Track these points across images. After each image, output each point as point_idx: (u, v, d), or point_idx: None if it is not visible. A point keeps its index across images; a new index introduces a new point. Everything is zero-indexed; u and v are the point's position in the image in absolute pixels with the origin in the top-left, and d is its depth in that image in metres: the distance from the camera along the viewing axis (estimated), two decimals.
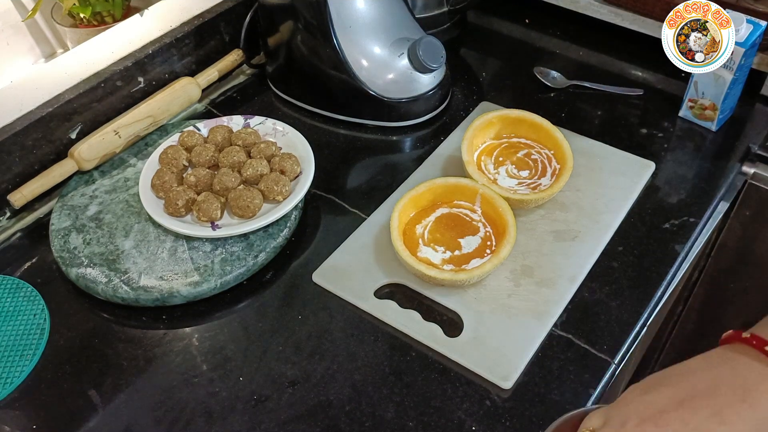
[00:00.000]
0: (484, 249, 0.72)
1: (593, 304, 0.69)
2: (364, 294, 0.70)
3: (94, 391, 0.65)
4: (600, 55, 1.01)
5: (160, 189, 0.77)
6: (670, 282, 0.72)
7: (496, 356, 0.64)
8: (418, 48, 0.85)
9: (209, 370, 0.66)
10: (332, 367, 0.65)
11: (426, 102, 0.89)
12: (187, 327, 0.70)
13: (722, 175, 0.81)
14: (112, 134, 0.83)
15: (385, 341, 0.67)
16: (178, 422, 0.62)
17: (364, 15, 0.86)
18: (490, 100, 0.93)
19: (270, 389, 0.64)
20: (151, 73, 0.91)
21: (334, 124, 0.92)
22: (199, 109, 0.95)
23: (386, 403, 0.62)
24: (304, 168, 0.79)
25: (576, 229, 0.75)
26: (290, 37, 0.89)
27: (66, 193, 0.81)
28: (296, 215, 0.77)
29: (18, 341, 0.68)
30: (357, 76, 0.86)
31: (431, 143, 0.88)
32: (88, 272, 0.72)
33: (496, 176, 0.79)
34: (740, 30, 0.78)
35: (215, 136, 0.82)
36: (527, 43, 1.05)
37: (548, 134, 0.80)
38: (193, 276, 0.71)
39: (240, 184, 0.77)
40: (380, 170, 0.86)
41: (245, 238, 0.74)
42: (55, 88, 0.83)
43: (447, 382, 0.64)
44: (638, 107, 0.91)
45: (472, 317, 0.68)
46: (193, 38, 0.94)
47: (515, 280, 0.70)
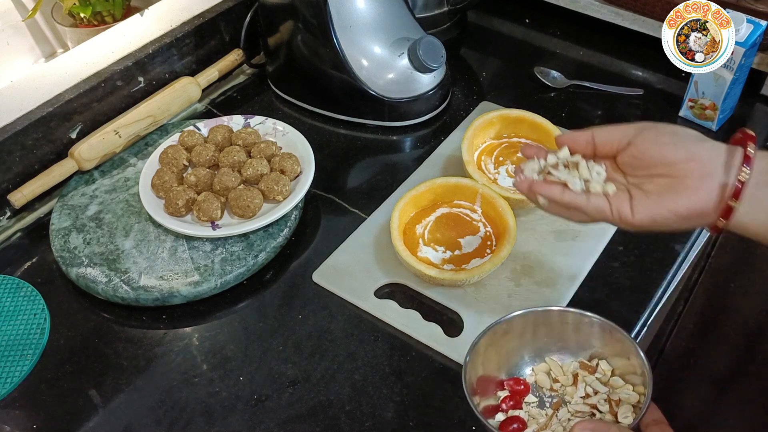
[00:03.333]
0: (484, 249, 0.72)
1: (593, 304, 0.69)
2: (364, 294, 0.70)
3: (94, 390, 0.65)
4: (600, 54, 1.01)
5: (161, 189, 0.77)
6: (670, 282, 0.72)
7: None
8: (419, 48, 0.85)
9: (209, 370, 0.66)
10: (332, 366, 0.65)
11: (426, 102, 0.89)
12: (187, 327, 0.70)
13: None
14: (113, 134, 0.83)
15: (385, 341, 0.67)
16: (178, 422, 0.62)
17: (365, 15, 0.86)
18: (490, 99, 0.93)
19: (270, 389, 0.64)
20: (151, 73, 0.91)
21: (334, 124, 0.92)
22: (200, 109, 0.95)
23: (386, 403, 0.62)
24: (304, 168, 0.79)
25: (576, 229, 0.75)
26: (290, 36, 0.89)
27: (66, 192, 0.81)
28: (296, 215, 0.77)
29: (18, 341, 0.68)
30: (357, 75, 0.86)
31: (431, 143, 0.88)
32: (89, 272, 0.72)
33: (497, 176, 0.79)
34: (740, 30, 0.78)
35: (215, 135, 0.82)
36: (527, 42, 1.05)
37: (548, 134, 0.80)
38: (193, 276, 0.71)
39: (240, 183, 0.77)
40: (380, 170, 0.86)
41: (245, 238, 0.74)
42: (55, 87, 0.83)
43: (447, 381, 0.64)
44: (638, 107, 0.91)
45: (473, 317, 0.68)
46: (194, 38, 0.94)
47: (515, 280, 0.70)
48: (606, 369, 0.57)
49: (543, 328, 0.59)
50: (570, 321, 0.58)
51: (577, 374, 0.58)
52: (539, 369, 0.59)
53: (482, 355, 0.57)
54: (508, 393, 0.58)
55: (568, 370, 0.59)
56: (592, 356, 0.59)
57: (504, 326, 0.57)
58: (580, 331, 0.58)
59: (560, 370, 0.59)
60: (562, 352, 0.60)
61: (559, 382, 0.58)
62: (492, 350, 0.57)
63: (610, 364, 0.58)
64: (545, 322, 0.59)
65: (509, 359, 0.59)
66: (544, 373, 0.59)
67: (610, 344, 0.57)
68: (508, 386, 0.58)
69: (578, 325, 0.58)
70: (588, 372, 0.58)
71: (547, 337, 0.59)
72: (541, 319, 0.59)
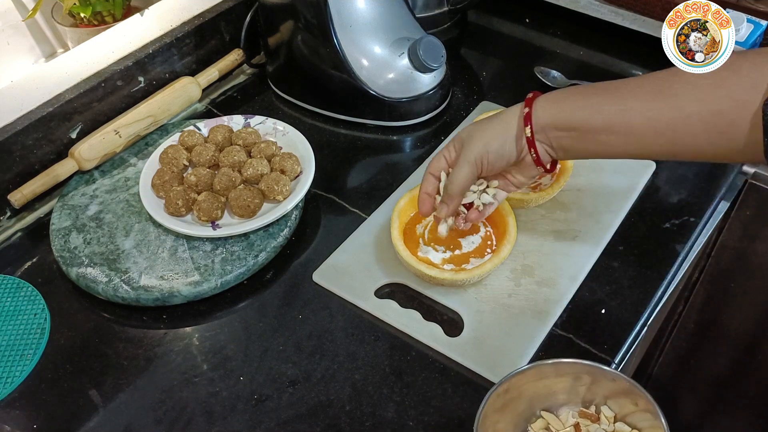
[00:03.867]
0: (485, 248, 0.72)
1: (593, 304, 0.69)
2: (364, 294, 0.70)
3: (94, 390, 0.65)
4: (600, 54, 1.01)
5: (161, 188, 0.77)
6: (670, 282, 0.72)
7: (496, 356, 0.64)
8: (419, 47, 0.85)
9: (210, 370, 0.66)
10: (332, 366, 0.65)
11: (426, 101, 0.89)
12: (187, 327, 0.70)
13: (722, 175, 0.81)
14: (113, 134, 0.83)
15: (385, 341, 0.67)
16: (179, 422, 0.62)
17: (365, 14, 0.86)
18: (490, 99, 0.93)
19: (270, 389, 0.64)
20: (151, 73, 0.91)
21: (334, 124, 0.92)
22: (200, 109, 0.95)
23: (386, 403, 0.63)
24: (305, 168, 0.79)
25: (576, 229, 0.75)
26: (290, 36, 0.89)
27: (66, 192, 0.81)
28: (296, 215, 0.77)
29: (18, 341, 0.68)
30: (357, 75, 0.86)
31: (431, 143, 0.88)
32: (89, 272, 0.72)
33: None
34: (740, 30, 0.78)
35: (216, 135, 0.82)
36: (527, 42, 1.05)
37: None
38: (193, 275, 0.71)
39: (240, 183, 0.77)
40: (380, 170, 0.86)
41: (245, 238, 0.74)
42: (55, 87, 0.83)
43: (447, 381, 0.64)
44: None
45: (473, 317, 0.68)
46: (194, 38, 0.94)
47: (516, 280, 0.71)
48: (609, 415, 0.56)
49: (542, 382, 0.57)
50: (563, 372, 0.57)
51: (578, 424, 0.57)
52: (537, 426, 0.58)
53: (490, 419, 0.55)
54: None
55: (567, 421, 0.57)
56: (590, 403, 0.58)
57: (505, 386, 0.55)
58: (576, 381, 0.57)
59: (558, 422, 0.57)
60: (562, 405, 0.58)
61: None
62: (496, 415, 0.55)
63: (611, 410, 0.57)
64: (542, 376, 0.57)
65: (513, 419, 0.57)
66: (543, 429, 0.57)
67: (610, 389, 0.56)
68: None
69: (571, 375, 0.57)
70: (590, 420, 0.57)
71: (546, 392, 0.58)
72: (538, 374, 0.57)
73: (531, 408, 0.58)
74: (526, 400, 0.58)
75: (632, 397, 0.54)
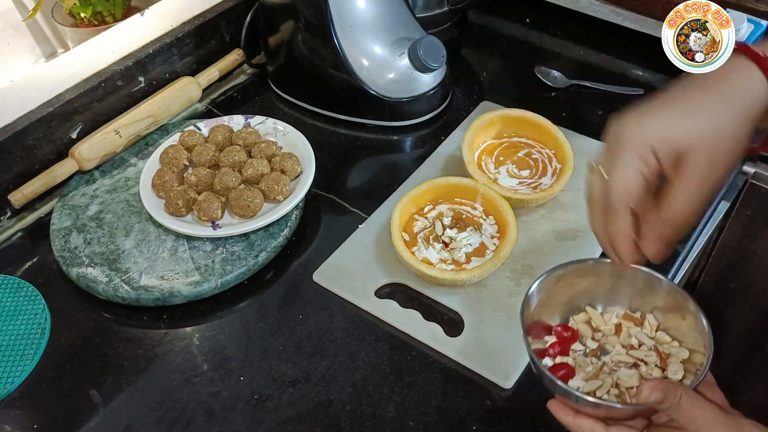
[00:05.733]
0: (485, 248, 0.72)
1: None
2: (364, 294, 0.70)
3: (94, 390, 0.65)
4: (601, 54, 1.01)
5: (161, 188, 0.77)
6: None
7: (496, 355, 0.64)
8: (419, 47, 0.85)
9: (210, 370, 0.66)
10: (333, 366, 0.65)
11: (426, 101, 0.89)
12: (187, 327, 0.70)
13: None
14: (113, 134, 0.83)
15: (385, 341, 0.67)
16: (179, 422, 0.62)
17: (365, 14, 0.86)
18: (490, 99, 0.93)
19: (271, 389, 0.64)
20: (151, 73, 0.91)
21: (334, 124, 0.92)
22: (200, 109, 0.95)
23: (387, 403, 0.63)
24: (305, 167, 0.79)
25: (577, 229, 0.75)
26: (291, 36, 0.89)
27: (67, 192, 0.81)
28: (297, 215, 0.77)
29: (19, 341, 0.68)
30: (357, 75, 0.86)
31: (432, 143, 0.88)
32: (89, 272, 0.72)
33: (497, 176, 0.79)
34: (741, 30, 0.78)
35: (216, 135, 0.82)
36: (528, 42, 1.05)
37: (549, 134, 0.80)
38: (193, 275, 0.71)
39: (241, 183, 0.77)
40: (380, 170, 0.86)
41: (246, 238, 0.74)
42: (55, 87, 0.83)
43: (447, 381, 0.64)
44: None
45: (473, 317, 0.68)
46: (194, 38, 0.94)
47: (516, 280, 0.71)
48: (653, 323, 0.56)
49: (595, 279, 0.58)
50: (624, 275, 0.57)
51: (620, 324, 0.57)
52: (579, 319, 0.58)
53: (537, 298, 0.56)
54: (556, 339, 0.57)
55: (610, 320, 0.58)
56: (637, 310, 0.58)
57: (560, 272, 0.56)
58: (630, 285, 0.57)
59: (601, 320, 0.58)
60: (609, 304, 0.59)
61: (600, 332, 0.57)
62: (544, 296, 0.57)
63: (657, 319, 0.57)
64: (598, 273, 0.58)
65: (560, 306, 0.58)
66: (584, 323, 0.58)
67: (661, 299, 0.56)
68: (555, 332, 0.57)
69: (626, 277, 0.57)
70: (633, 323, 0.57)
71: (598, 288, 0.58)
72: (594, 270, 0.58)
73: (577, 301, 0.59)
74: (576, 294, 0.58)
75: (681, 312, 0.55)
